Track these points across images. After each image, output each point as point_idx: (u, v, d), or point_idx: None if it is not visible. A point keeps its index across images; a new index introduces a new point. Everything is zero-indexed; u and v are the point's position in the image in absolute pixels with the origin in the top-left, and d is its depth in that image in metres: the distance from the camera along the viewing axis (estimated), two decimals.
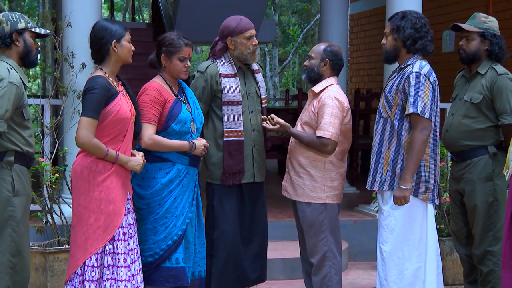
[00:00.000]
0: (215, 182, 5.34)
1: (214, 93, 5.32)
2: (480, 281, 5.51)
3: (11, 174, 4.50)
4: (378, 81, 11.82)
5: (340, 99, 5.13)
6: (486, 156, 5.39)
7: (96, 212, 4.49)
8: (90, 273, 4.49)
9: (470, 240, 5.59)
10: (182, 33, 5.06)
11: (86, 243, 4.50)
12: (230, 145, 5.29)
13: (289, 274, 6.50)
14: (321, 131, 5.05)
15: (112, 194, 4.52)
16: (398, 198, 4.87)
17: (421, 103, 4.81)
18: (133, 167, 4.62)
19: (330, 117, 5.05)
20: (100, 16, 6.88)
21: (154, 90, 4.89)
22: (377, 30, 11.65)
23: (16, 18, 4.61)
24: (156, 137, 4.86)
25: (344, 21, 9.30)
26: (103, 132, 4.49)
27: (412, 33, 4.96)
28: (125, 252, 4.56)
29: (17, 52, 4.62)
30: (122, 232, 4.56)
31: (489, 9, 9.26)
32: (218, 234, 5.31)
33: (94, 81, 4.50)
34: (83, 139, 4.41)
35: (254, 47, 5.35)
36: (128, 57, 4.67)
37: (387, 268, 4.99)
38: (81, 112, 4.47)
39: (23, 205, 4.58)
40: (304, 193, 5.21)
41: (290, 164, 5.32)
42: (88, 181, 4.50)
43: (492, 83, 5.34)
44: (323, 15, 9.48)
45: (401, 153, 4.92)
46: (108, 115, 4.48)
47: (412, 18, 4.99)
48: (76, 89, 6.49)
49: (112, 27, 4.60)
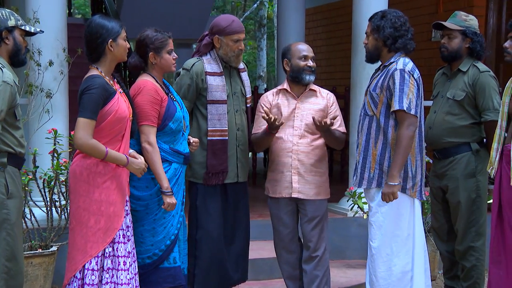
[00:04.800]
0: (198, 181, 5.41)
1: (199, 91, 5.38)
2: (462, 276, 5.73)
3: (5, 176, 4.48)
4: (336, 78, 11.96)
5: None
6: (469, 153, 5.61)
7: (96, 214, 4.52)
8: (90, 277, 4.52)
9: (451, 237, 5.81)
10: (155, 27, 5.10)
11: (86, 246, 4.52)
12: (214, 144, 5.37)
13: (269, 274, 6.63)
14: (342, 127, 5.59)
15: (113, 195, 4.55)
16: (386, 195, 5.02)
17: (407, 99, 4.97)
18: (134, 170, 4.66)
19: None
20: (65, 13, 6.88)
21: (151, 90, 4.92)
22: (334, 26, 11.84)
23: (6, 15, 4.57)
24: (156, 147, 4.89)
25: (301, 17, 9.50)
26: (102, 133, 4.51)
27: (392, 32, 5.13)
28: (125, 255, 4.60)
29: (6, 50, 4.58)
30: (122, 234, 4.61)
31: (439, 8, 9.55)
32: (201, 234, 5.38)
33: (92, 81, 4.50)
34: (81, 140, 4.42)
35: (239, 51, 5.41)
36: (124, 56, 4.70)
37: (375, 264, 5.17)
38: (78, 113, 4.46)
39: (17, 207, 4.57)
40: (324, 191, 5.58)
41: (301, 166, 5.47)
42: (88, 183, 4.52)
43: (475, 80, 5.56)
44: (280, 11, 9.65)
45: (388, 150, 5.08)
46: (107, 115, 4.50)
47: (392, 18, 5.16)
48: (44, 88, 6.48)
49: (109, 25, 4.59)
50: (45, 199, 6.19)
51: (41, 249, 6.03)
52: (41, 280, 5.94)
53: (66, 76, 6.70)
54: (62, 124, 6.58)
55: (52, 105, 6.50)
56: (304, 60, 5.47)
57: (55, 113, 6.52)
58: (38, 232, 6.15)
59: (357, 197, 6.87)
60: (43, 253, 5.97)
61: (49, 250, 6.05)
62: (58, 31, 6.56)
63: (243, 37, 5.44)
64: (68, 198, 6.14)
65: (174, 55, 5.05)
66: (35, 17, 6.32)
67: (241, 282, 5.69)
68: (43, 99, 6.46)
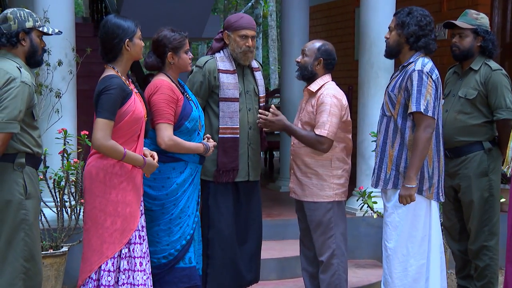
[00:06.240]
0: (209, 178, 5.45)
1: (211, 89, 5.43)
2: (475, 276, 5.78)
3: (23, 177, 4.51)
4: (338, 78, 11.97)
5: (338, 97, 5.34)
6: (481, 151, 5.66)
7: (113, 215, 4.55)
8: (106, 278, 4.55)
9: (463, 236, 5.86)
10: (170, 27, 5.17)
11: (101, 247, 4.55)
12: (225, 142, 5.42)
13: (280, 274, 6.67)
14: (318, 129, 5.26)
15: (129, 196, 4.59)
16: (404, 197, 5.02)
17: (424, 101, 4.97)
18: (147, 170, 4.70)
19: (328, 116, 5.25)
20: (73, 12, 6.92)
21: (168, 89, 4.98)
22: (335, 24, 11.88)
23: (25, 16, 4.59)
24: (176, 139, 4.97)
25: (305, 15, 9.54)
26: (119, 133, 4.53)
27: (416, 30, 5.12)
28: (141, 256, 4.63)
29: (23, 51, 4.60)
30: (137, 235, 4.64)
31: (443, 7, 9.62)
32: (213, 234, 5.42)
33: (110, 81, 4.51)
34: (99, 141, 4.45)
35: (246, 48, 5.43)
36: (140, 55, 4.73)
37: (391, 265, 5.17)
38: (96, 113, 4.49)
39: (35, 208, 4.60)
40: (312, 193, 5.40)
41: (295, 166, 5.50)
42: (104, 183, 4.55)
43: (487, 78, 5.61)
44: (284, 10, 9.69)
45: (404, 151, 5.09)
46: (124, 116, 4.53)
47: (418, 15, 5.15)
48: (53, 88, 6.52)
49: (125, 24, 4.62)
50: (56, 199, 6.23)
51: (52, 250, 6.07)
52: (52, 280, 5.97)
53: (75, 76, 6.74)
54: (71, 124, 6.61)
55: (61, 105, 6.53)
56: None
57: (64, 113, 6.55)
58: (48, 232, 6.19)
59: (367, 196, 6.93)
60: (54, 254, 6.01)
61: (60, 250, 6.09)
62: (67, 30, 6.56)
63: (252, 35, 5.44)
64: (78, 198, 6.20)
65: (190, 55, 5.11)
66: (45, 17, 6.35)
67: (254, 283, 5.72)
68: (52, 99, 6.49)
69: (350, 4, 11.35)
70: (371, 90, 7.55)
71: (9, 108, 4.35)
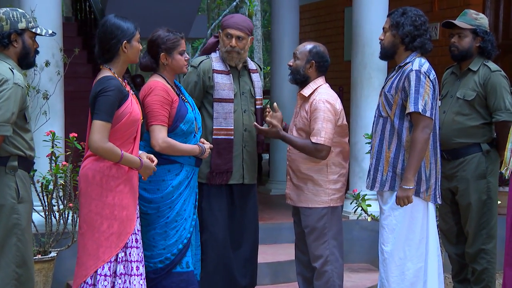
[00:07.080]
0: (203, 181, 5.40)
1: (206, 89, 5.40)
2: (473, 280, 5.76)
3: (15, 180, 4.46)
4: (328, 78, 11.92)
5: (331, 101, 5.28)
6: (479, 153, 5.64)
7: (109, 219, 4.50)
8: (103, 283, 4.49)
9: (460, 239, 5.84)
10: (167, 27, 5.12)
11: (98, 251, 4.49)
12: (219, 143, 5.38)
13: (274, 279, 6.64)
14: (314, 137, 5.20)
15: (126, 199, 4.54)
16: (401, 198, 4.99)
17: (422, 101, 4.93)
18: (144, 173, 4.65)
19: (323, 122, 5.20)
20: (61, 11, 6.84)
21: (162, 90, 4.93)
22: (324, 24, 11.84)
23: (17, 17, 4.53)
24: (170, 140, 4.92)
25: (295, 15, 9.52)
26: (116, 135, 4.49)
27: (411, 30, 5.08)
28: (138, 260, 4.59)
29: (15, 52, 4.55)
30: (134, 238, 4.59)
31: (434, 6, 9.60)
32: (206, 237, 5.38)
33: (108, 83, 4.45)
34: (97, 143, 4.40)
35: (230, 48, 5.39)
36: (137, 58, 4.68)
37: (388, 269, 5.13)
38: (93, 115, 4.43)
39: (27, 212, 4.55)
40: (307, 198, 5.36)
41: (291, 171, 5.44)
42: (100, 186, 4.50)
43: (486, 80, 5.59)
44: (274, 9, 9.66)
45: (401, 152, 5.05)
46: (122, 117, 4.48)
47: (412, 15, 5.12)
48: (40, 89, 6.43)
49: (124, 25, 4.56)
50: (43, 203, 6.15)
51: (40, 255, 6.00)
52: (40, 286, 5.92)
53: (62, 77, 6.66)
54: (59, 126, 6.53)
55: (49, 106, 6.45)
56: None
57: (52, 115, 6.48)
58: (36, 237, 6.09)
59: (361, 199, 6.90)
60: (43, 259, 5.95)
61: (48, 256, 6.02)
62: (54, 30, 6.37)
63: (237, 34, 5.37)
64: (66, 202, 6.12)
65: (186, 56, 5.05)
66: (32, 16, 6.25)
67: None
68: (40, 101, 6.41)
69: (339, 4, 11.31)
70: (364, 91, 7.52)
71: (2, 110, 4.30)
